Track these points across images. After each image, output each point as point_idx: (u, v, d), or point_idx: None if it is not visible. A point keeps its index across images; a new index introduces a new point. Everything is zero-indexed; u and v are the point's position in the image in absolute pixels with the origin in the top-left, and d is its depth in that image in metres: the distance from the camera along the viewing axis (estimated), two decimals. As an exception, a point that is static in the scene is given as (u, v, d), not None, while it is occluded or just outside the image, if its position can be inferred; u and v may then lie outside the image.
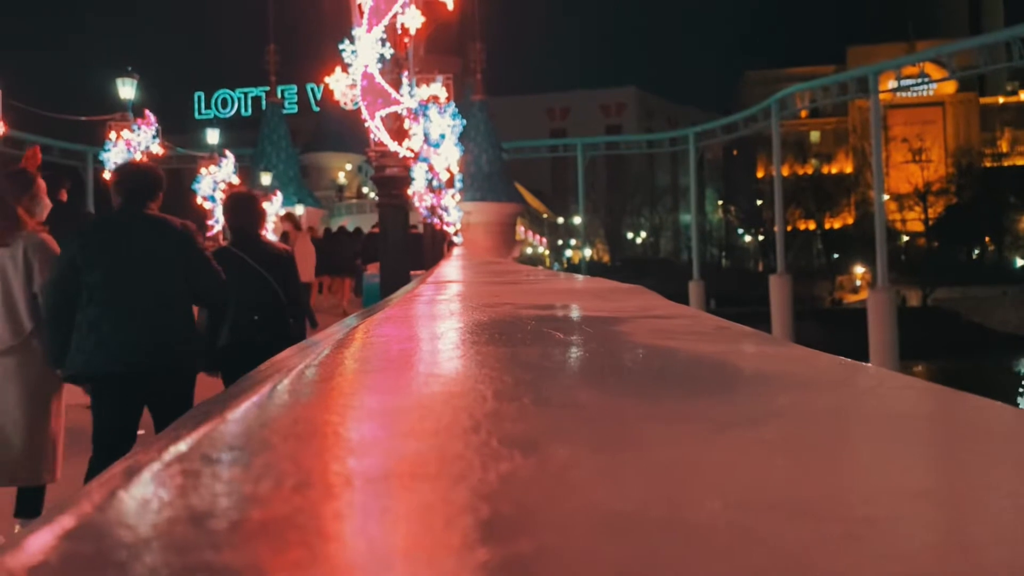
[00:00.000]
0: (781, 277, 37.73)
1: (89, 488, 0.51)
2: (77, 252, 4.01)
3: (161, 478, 0.48)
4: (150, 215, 4.25)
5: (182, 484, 0.48)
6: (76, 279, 3.97)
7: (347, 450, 0.54)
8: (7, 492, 4.04)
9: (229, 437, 0.57)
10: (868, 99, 34.82)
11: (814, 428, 0.67)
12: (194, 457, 0.51)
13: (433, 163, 17.80)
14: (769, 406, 0.76)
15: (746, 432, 0.65)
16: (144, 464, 0.50)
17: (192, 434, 0.57)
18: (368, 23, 8.01)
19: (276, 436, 0.58)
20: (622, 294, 2.13)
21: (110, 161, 20.27)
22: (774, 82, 67.02)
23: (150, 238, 4.18)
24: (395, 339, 1.22)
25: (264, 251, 5.36)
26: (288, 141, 47.77)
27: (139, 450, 0.63)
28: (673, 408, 0.72)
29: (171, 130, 25.00)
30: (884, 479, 0.54)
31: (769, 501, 0.49)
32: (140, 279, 4.05)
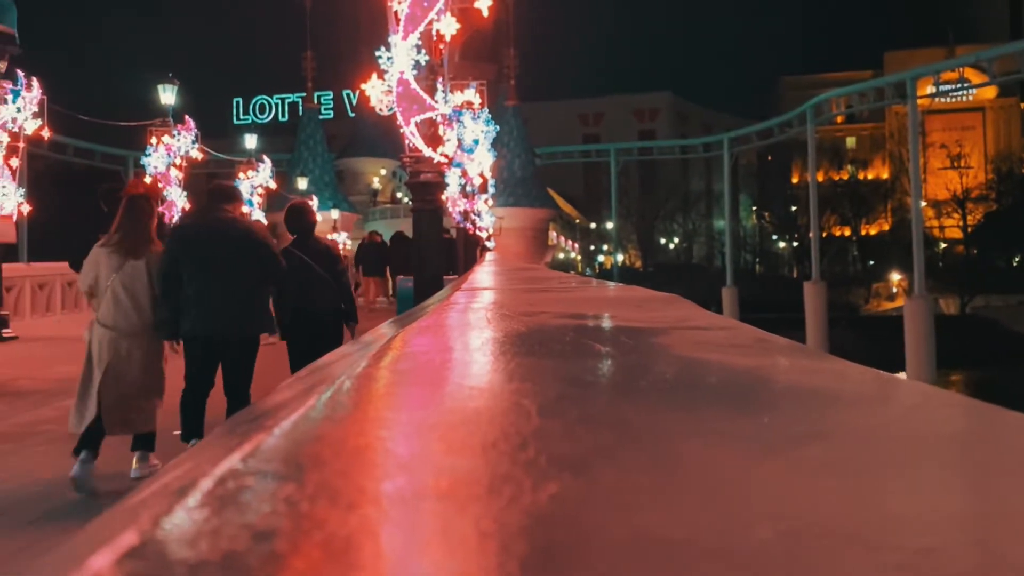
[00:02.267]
0: (816, 284, 37.32)
1: (147, 501, 0.52)
2: (176, 250, 5.50)
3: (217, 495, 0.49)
4: (227, 218, 5.66)
5: (239, 501, 0.48)
6: (177, 270, 5.44)
7: (398, 467, 0.54)
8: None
9: (281, 452, 0.58)
10: (906, 104, 34.35)
11: (860, 449, 0.67)
12: (248, 472, 0.52)
13: (467, 168, 17.88)
14: (814, 425, 0.75)
15: (792, 453, 0.64)
16: (199, 479, 0.51)
17: (243, 447, 0.58)
18: (404, 30, 8.08)
19: (327, 451, 0.59)
20: (658, 303, 2.12)
21: (151, 165, 20.62)
22: (809, 87, 66.37)
23: (227, 238, 5.55)
24: (433, 350, 1.23)
25: (316, 248, 6.73)
26: (324, 146, 48.20)
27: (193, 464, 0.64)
28: (718, 427, 0.72)
29: (210, 135, 25.35)
30: (937, 505, 0.53)
31: (821, 528, 0.48)
32: (221, 270, 5.46)
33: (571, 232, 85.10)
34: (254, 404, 1.02)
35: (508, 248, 40.73)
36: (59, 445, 6.02)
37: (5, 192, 15.23)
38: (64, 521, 4.70)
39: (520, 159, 46.28)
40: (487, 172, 21.68)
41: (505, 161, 42.24)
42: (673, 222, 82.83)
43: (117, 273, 5.45)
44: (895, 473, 0.60)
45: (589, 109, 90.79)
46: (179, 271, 5.43)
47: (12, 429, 7.33)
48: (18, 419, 7.76)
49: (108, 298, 5.46)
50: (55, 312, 17.44)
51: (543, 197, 48.36)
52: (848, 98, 39.64)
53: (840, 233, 71.55)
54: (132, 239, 5.53)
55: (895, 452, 0.67)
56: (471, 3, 8.61)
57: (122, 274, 5.44)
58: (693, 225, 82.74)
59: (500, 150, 31.94)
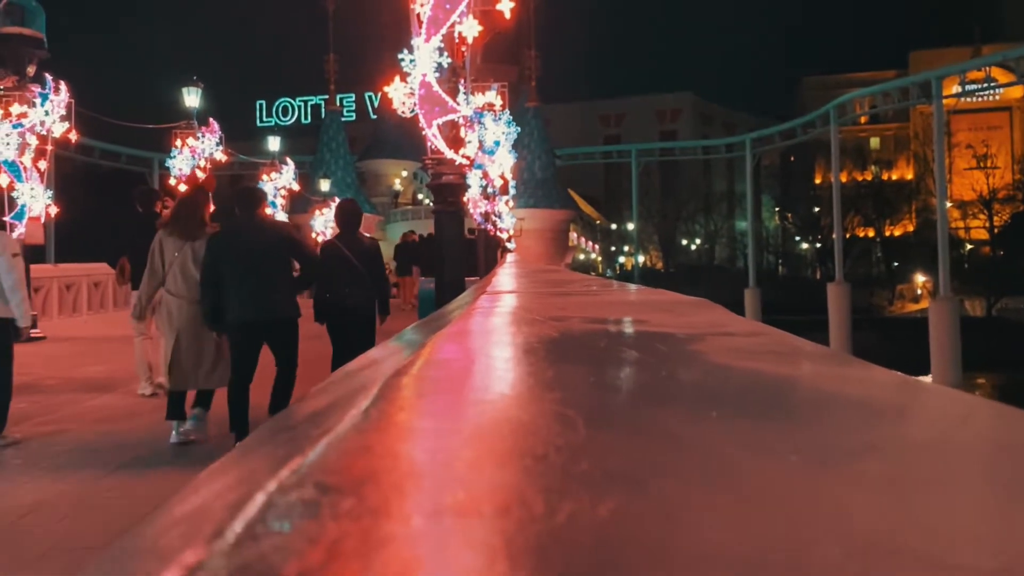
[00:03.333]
0: (839, 285, 37.04)
1: (201, 513, 0.52)
2: (215, 249, 6.33)
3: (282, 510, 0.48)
4: (258, 220, 6.63)
5: (303, 517, 0.48)
6: (216, 271, 6.27)
7: (454, 481, 0.54)
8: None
9: (332, 466, 0.58)
10: (931, 104, 33.99)
11: (916, 463, 0.65)
12: (307, 485, 0.52)
13: (487, 170, 17.90)
14: (865, 438, 0.74)
15: (848, 467, 0.63)
16: (252, 493, 0.50)
17: (296, 460, 0.57)
18: (426, 33, 8.10)
19: (373, 464, 0.58)
20: (688, 308, 2.11)
21: (175, 167, 20.81)
22: (833, 87, 65.90)
23: (259, 236, 6.42)
24: (466, 356, 1.22)
25: (356, 243, 7.64)
26: (346, 148, 48.49)
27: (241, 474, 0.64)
28: (767, 438, 0.71)
29: (233, 137, 25.55)
30: (1004, 523, 0.52)
31: (890, 546, 0.47)
32: (255, 264, 6.28)
33: (591, 233, 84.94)
34: (291, 409, 1.02)
35: (528, 249, 40.74)
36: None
37: (33, 194, 15.42)
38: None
39: (541, 160, 46.31)
40: (508, 174, 21.69)
41: (526, 162, 42.29)
42: (695, 223, 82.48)
43: (179, 252, 6.63)
44: (958, 489, 0.59)
45: (610, 110, 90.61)
46: (218, 271, 6.30)
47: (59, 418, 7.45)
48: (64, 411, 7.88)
49: (175, 272, 6.65)
50: (81, 312, 17.64)
51: (563, 198, 48.35)
52: (872, 98, 39.33)
53: (864, 234, 70.98)
54: (189, 225, 6.70)
55: (952, 465, 0.65)
56: (493, 5, 8.60)
57: (182, 253, 6.63)
58: (715, 226, 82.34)
59: (521, 151, 31.96)
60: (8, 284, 6.65)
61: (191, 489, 0.74)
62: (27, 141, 15.25)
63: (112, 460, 6.42)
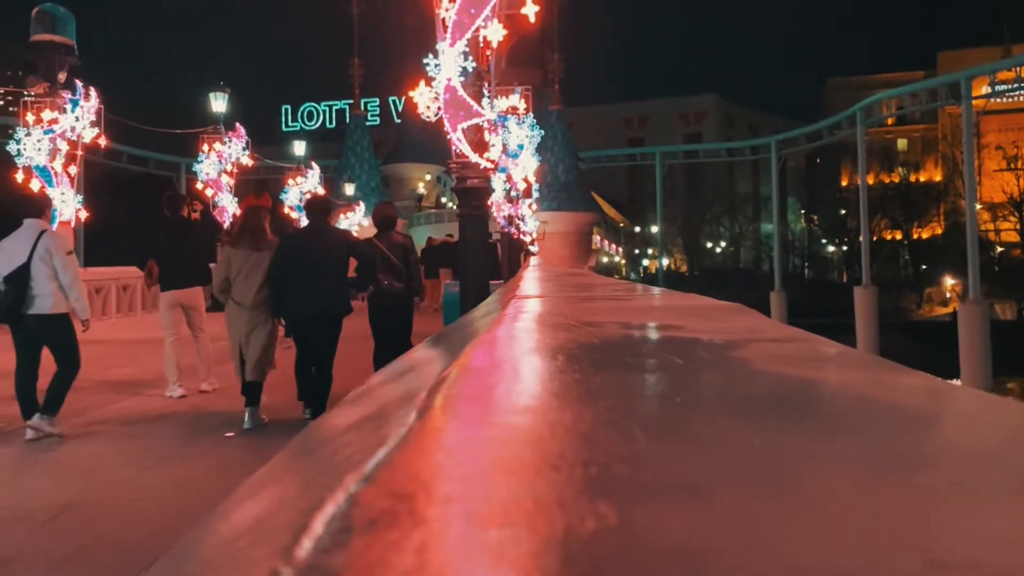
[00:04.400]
0: (866, 288, 36.65)
1: (278, 525, 0.52)
2: (284, 250, 7.51)
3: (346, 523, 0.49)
4: (322, 226, 7.78)
5: (367, 531, 0.48)
6: (285, 266, 7.38)
7: (513, 491, 0.53)
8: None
9: (390, 478, 0.58)
10: (959, 105, 33.56)
11: (979, 474, 0.64)
12: (368, 497, 0.52)
13: (511, 173, 17.90)
14: (922, 447, 0.73)
15: (910, 477, 0.63)
16: (323, 505, 0.51)
17: (353, 473, 0.58)
18: (452, 37, 8.11)
19: (436, 476, 0.59)
20: (722, 313, 2.10)
21: (202, 172, 21.01)
22: (859, 89, 65.34)
23: (321, 240, 7.55)
24: (508, 364, 1.22)
25: (393, 242, 8.64)
26: (371, 152, 48.73)
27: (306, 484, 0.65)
28: (825, 447, 0.70)
29: (259, 142, 25.76)
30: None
31: (969, 561, 0.46)
32: (316, 265, 7.34)
33: (615, 236, 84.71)
34: (337, 413, 1.03)
35: (552, 252, 40.69)
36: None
37: (64, 199, 15.64)
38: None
39: (564, 163, 46.29)
40: (531, 177, 21.69)
41: (549, 166, 42.27)
42: (719, 225, 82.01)
43: (247, 263, 7.53)
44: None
45: (633, 112, 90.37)
46: (286, 270, 7.42)
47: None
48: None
49: (240, 281, 7.55)
50: (110, 316, 17.83)
51: (587, 201, 48.29)
52: (900, 99, 38.92)
53: (891, 237, 70.26)
54: (253, 238, 7.59)
55: (1016, 477, 0.64)
56: (518, 9, 8.60)
57: (249, 264, 7.52)
58: (740, 229, 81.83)
59: (544, 155, 31.95)
60: (66, 281, 7.11)
61: (245, 493, 0.74)
62: (58, 147, 15.48)
63: (141, 461, 6.49)
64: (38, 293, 7.06)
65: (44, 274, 7.05)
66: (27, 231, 7.25)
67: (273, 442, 6.96)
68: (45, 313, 7.10)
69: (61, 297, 7.14)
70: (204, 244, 10.98)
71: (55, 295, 7.11)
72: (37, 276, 7.03)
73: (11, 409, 8.63)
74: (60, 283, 7.11)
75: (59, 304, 7.16)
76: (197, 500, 5.42)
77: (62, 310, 7.20)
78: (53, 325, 7.20)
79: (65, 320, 7.26)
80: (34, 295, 7.06)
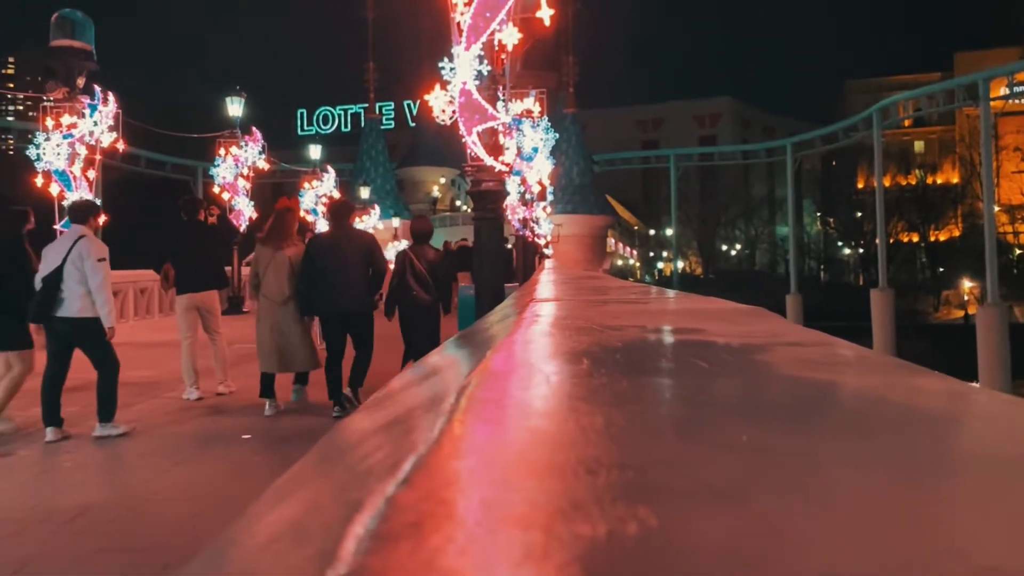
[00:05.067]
0: (883, 291, 36.42)
1: (312, 531, 0.52)
2: (312, 251, 8.13)
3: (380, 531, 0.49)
4: (347, 228, 8.35)
5: (402, 537, 0.48)
6: (313, 265, 8.00)
7: (550, 495, 0.54)
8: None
9: (422, 485, 0.58)
10: (977, 107, 33.31)
11: (1013, 480, 0.64)
12: (420, 498, 0.52)
13: (525, 176, 17.91)
14: (955, 451, 0.73)
15: (946, 482, 0.62)
16: (356, 513, 0.51)
17: (387, 480, 0.58)
18: (467, 41, 8.12)
19: (469, 481, 0.59)
20: (744, 316, 2.09)
21: (219, 176, 21.12)
22: (876, 91, 64.97)
23: (346, 242, 8.13)
24: (532, 368, 1.22)
25: (426, 255, 9.15)
26: (386, 156, 48.88)
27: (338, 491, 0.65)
28: (855, 452, 0.70)
29: (275, 146, 25.90)
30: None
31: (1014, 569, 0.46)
32: (342, 266, 7.96)
33: (629, 239, 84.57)
34: (363, 416, 1.03)
35: (566, 255, 40.66)
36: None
37: (82, 203, 15.76)
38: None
39: (578, 166, 46.27)
40: (546, 180, 21.68)
41: (563, 168, 42.26)
42: (734, 228, 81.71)
43: (271, 261, 8.16)
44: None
45: (648, 115, 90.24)
46: (314, 268, 8.00)
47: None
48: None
49: (269, 277, 8.16)
50: (128, 319, 17.95)
51: (601, 204, 48.23)
52: (916, 101, 38.69)
53: (908, 239, 69.78)
54: (279, 238, 8.26)
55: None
56: (533, 13, 8.60)
57: (275, 262, 8.15)
58: (755, 231, 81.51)
59: (559, 157, 31.95)
60: (93, 286, 7.22)
61: (276, 496, 0.74)
62: (76, 151, 15.60)
63: (159, 463, 6.53)
64: (67, 296, 7.21)
65: (74, 278, 7.21)
66: (68, 235, 7.49)
67: (289, 444, 6.99)
68: (73, 316, 7.25)
69: (90, 302, 7.27)
70: (220, 248, 11.06)
71: (84, 299, 7.24)
72: (68, 279, 7.20)
73: (31, 411, 8.72)
74: (89, 288, 7.26)
75: (87, 308, 7.27)
76: (214, 501, 5.45)
77: (90, 314, 7.30)
78: (82, 328, 7.33)
79: (94, 324, 7.36)
80: (63, 298, 7.21)
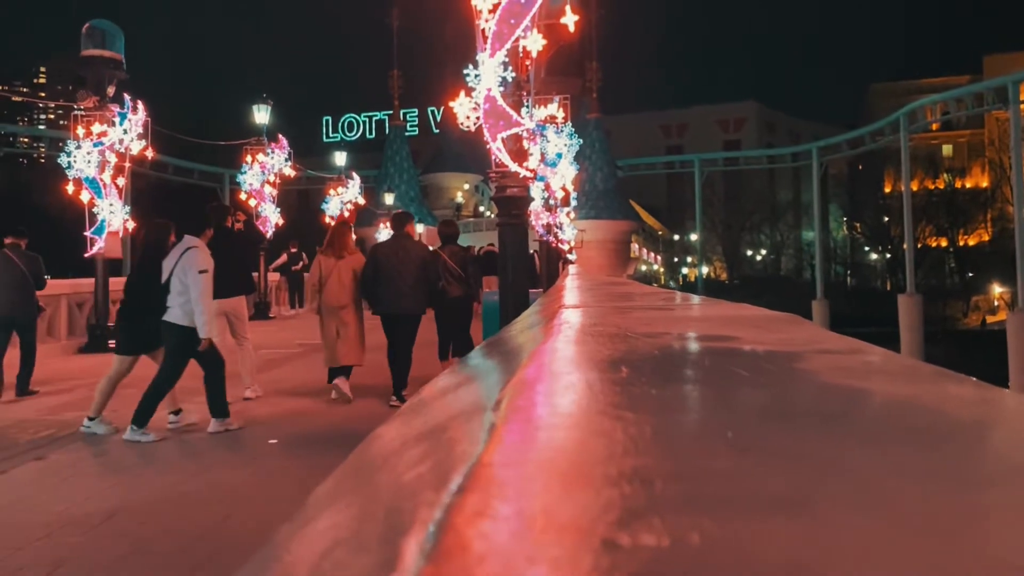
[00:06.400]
0: (911, 297, 35.98)
1: (367, 539, 0.52)
2: (375, 256, 9.47)
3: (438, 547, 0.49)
4: (405, 237, 9.69)
5: (464, 552, 0.48)
6: (375, 269, 9.35)
7: (607, 504, 0.53)
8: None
9: (493, 493, 0.58)
10: (1007, 110, 32.85)
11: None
12: (475, 509, 0.52)
13: (549, 182, 17.90)
14: (1006, 462, 0.72)
15: (1001, 493, 0.61)
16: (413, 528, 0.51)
17: (441, 491, 0.58)
18: (491, 48, 8.14)
19: (525, 490, 0.59)
20: (778, 324, 2.07)
21: (246, 182, 21.29)
22: (903, 94, 64.32)
23: (404, 250, 9.49)
24: (573, 377, 1.21)
25: (456, 253, 10.39)
26: (410, 162, 49.11)
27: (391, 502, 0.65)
28: (910, 462, 0.69)
29: (300, 153, 26.09)
30: None
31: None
32: (401, 269, 9.31)
33: (653, 244, 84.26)
34: (402, 420, 1.04)
35: (590, 261, 40.55)
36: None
37: (112, 210, 15.97)
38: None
39: (602, 172, 46.17)
40: (569, 185, 21.65)
41: (587, 174, 42.17)
42: (759, 233, 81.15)
43: (333, 270, 9.41)
44: None
45: (672, 120, 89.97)
46: (376, 273, 9.36)
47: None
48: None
49: (329, 284, 9.42)
50: (156, 324, 18.12)
51: (625, 209, 48.07)
52: (944, 104, 38.24)
53: (936, 244, 68.91)
54: (338, 249, 9.57)
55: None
56: (557, 19, 8.61)
57: (336, 270, 9.42)
58: (781, 236, 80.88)
59: (582, 163, 31.90)
60: (192, 297, 7.66)
61: (321, 504, 0.74)
62: (107, 159, 15.81)
63: (188, 467, 6.60)
64: (170, 304, 7.75)
65: (176, 288, 7.71)
66: (180, 246, 7.99)
67: (314, 448, 7.03)
68: (175, 323, 7.73)
69: (183, 311, 7.72)
70: (247, 253, 11.17)
71: (179, 308, 7.71)
72: (172, 288, 7.73)
73: (64, 416, 8.83)
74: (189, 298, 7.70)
75: (180, 316, 7.73)
76: (243, 505, 5.49)
77: (182, 323, 7.73)
78: (171, 334, 7.78)
79: (182, 333, 7.75)
80: (169, 305, 7.76)
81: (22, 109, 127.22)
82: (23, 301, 10.50)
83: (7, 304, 10.43)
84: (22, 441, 7.59)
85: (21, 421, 8.59)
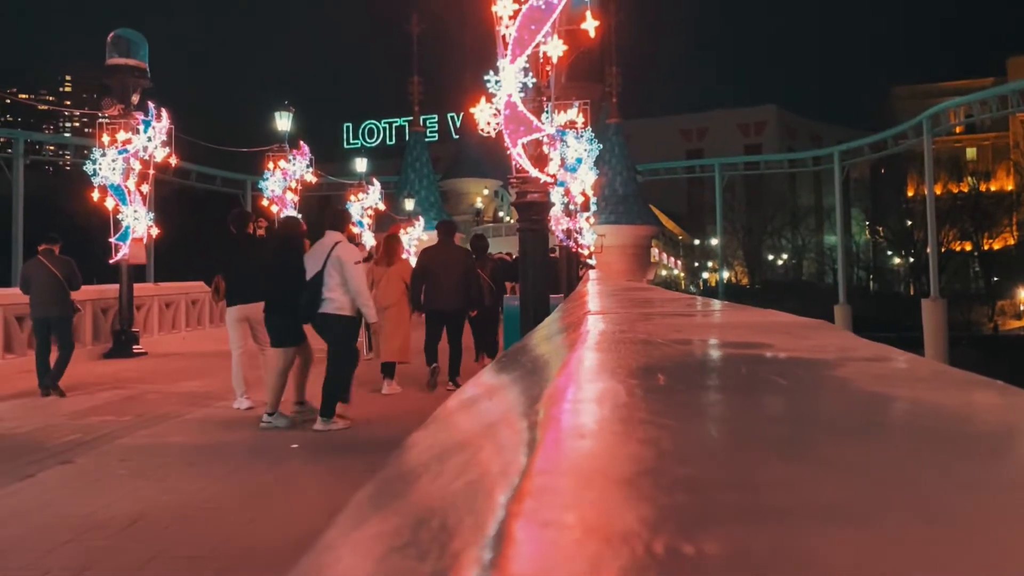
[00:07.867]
0: (935, 301, 35.65)
1: (419, 550, 0.52)
2: (424, 259, 10.84)
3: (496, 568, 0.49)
4: (450, 241, 11.08)
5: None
6: (423, 272, 10.72)
7: (653, 516, 0.53)
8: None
9: (548, 505, 0.58)
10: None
11: None
12: (530, 523, 0.52)
13: (569, 187, 17.89)
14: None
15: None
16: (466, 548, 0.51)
17: (488, 517, 0.58)
18: (512, 54, 8.16)
19: (592, 495, 0.59)
20: (807, 330, 2.06)
21: (268, 189, 21.44)
22: (925, 97, 63.82)
23: (450, 253, 10.87)
24: (609, 385, 1.21)
25: (488, 260, 12.44)
26: (430, 168, 49.29)
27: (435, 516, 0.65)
28: (963, 472, 0.68)
29: (321, 159, 26.25)
30: None
31: None
32: (447, 271, 10.56)
33: (673, 249, 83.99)
34: (436, 430, 1.04)
35: (610, 266, 40.47)
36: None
37: (137, 216, 16.14)
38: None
39: (622, 176, 46.11)
40: (589, 190, 21.62)
41: (607, 179, 42.13)
42: (781, 238, 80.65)
43: (384, 275, 10.79)
44: None
45: (692, 124, 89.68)
46: (424, 275, 10.68)
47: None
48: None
49: (380, 288, 10.53)
50: (180, 330, 18.30)
51: (645, 214, 47.97)
52: (968, 107, 37.92)
53: (960, 248, 68.19)
54: (389, 256, 11.04)
55: None
56: (577, 25, 8.61)
57: (386, 275, 10.80)
58: (802, 241, 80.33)
59: (602, 168, 31.87)
60: (352, 288, 8.19)
61: (354, 518, 0.74)
62: (131, 166, 15.99)
63: (211, 472, 6.63)
64: (326, 296, 8.16)
65: (334, 280, 8.14)
66: (325, 242, 8.32)
67: (336, 454, 7.06)
68: (332, 313, 8.18)
69: (346, 301, 8.22)
70: (269, 259, 11.28)
71: (340, 299, 8.18)
72: (328, 282, 8.15)
73: (89, 420, 8.92)
74: (348, 289, 8.19)
75: (343, 307, 8.23)
76: (266, 509, 5.52)
77: (346, 313, 8.27)
78: (332, 324, 8.24)
79: (341, 322, 8.28)
80: (324, 298, 8.16)
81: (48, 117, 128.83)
82: (56, 302, 10.99)
83: (40, 306, 11.03)
84: (49, 445, 7.67)
85: (48, 425, 8.68)
